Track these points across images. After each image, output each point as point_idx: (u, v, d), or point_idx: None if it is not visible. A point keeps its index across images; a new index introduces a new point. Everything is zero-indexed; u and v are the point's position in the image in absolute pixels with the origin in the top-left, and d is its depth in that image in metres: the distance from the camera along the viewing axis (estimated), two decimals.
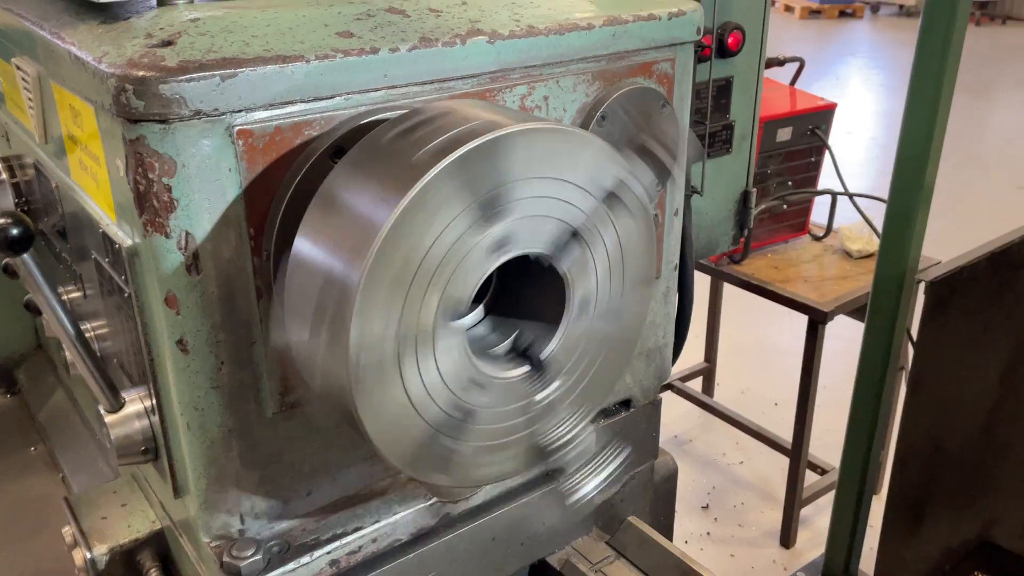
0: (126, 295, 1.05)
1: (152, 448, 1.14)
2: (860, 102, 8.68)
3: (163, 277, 0.96)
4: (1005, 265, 2.09)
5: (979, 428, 2.34)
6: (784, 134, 2.70)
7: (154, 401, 1.09)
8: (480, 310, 1.10)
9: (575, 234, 0.98)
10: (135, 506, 1.32)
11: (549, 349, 1.03)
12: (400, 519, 1.21)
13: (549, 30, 1.14)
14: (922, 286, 2.00)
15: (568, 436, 1.05)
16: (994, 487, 2.42)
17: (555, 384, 1.04)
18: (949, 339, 2.09)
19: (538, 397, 1.02)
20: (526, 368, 1.01)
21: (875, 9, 13.52)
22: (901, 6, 13.28)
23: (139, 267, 1.01)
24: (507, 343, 1.05)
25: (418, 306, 0.89)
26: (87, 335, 1.26)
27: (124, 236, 1.03)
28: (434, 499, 1.23)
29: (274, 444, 1.10)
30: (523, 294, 1.08)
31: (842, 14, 13.13)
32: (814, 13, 12.95)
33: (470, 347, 0.96)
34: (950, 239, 2.34)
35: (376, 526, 1.18)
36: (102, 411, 1.12)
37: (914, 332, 2.12)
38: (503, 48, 1.10)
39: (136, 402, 1.13)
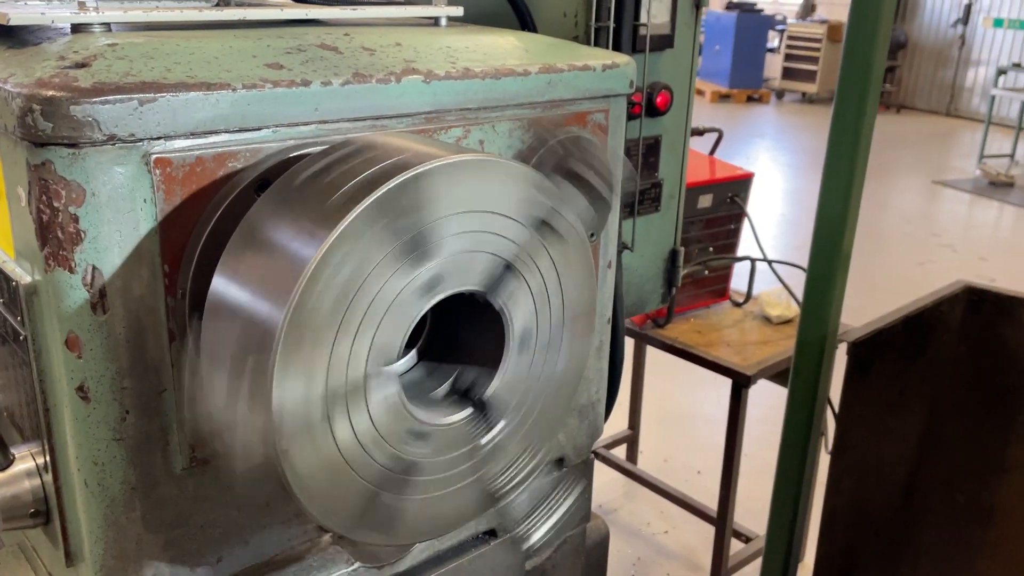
0: (21, 338, 0.96)
1: (43, 511, 1.03)
2: (768, 180, 9.04)
3: (65, 316, 0.88)
4: (919, 329, 2.15)
5: (900, 492, 2.37)
6: (705, 200, 2.76)
7: (48, 457, 0.99)
8: (413, 355, 1.04)
9: (508, 266, 0.94)
10: None
11: (492, 388, 0.97)
12: None
13: (485, 74, 1.12)
14: (843, 349, 2.03)
15: (518, 477, 0.99)
16: (916, 552, 2.43)
17: (500, 424, 0.98)
18: (870, 402, 2.12)
19: (484, 440, 0.96)
20: (468, 411, 0.96)
21: (780, 95, 14.25)
22: (804, 93, 14.03)
23: (38, 306, 0.92)
24: (446, 386, 0.99)
25: (346, 355, 0.84)
26: None
27: (23, 273, 0.94)
28: (357, 564, 1.14)
29: (182, 504, 1.01)
30: (459, 333, 1.03)
31: (749, 99, 13.79)
32: (723, 97, 13.57)
33: (405, 394, 0.91)
34: (859, 311, 2.41)
35: None
36: None
37: (833, 397, 2.14)
38: (439, 88, 1.07)
39: (27, 459, 1.03)
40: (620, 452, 3.87)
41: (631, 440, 3.88)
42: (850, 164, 1.92)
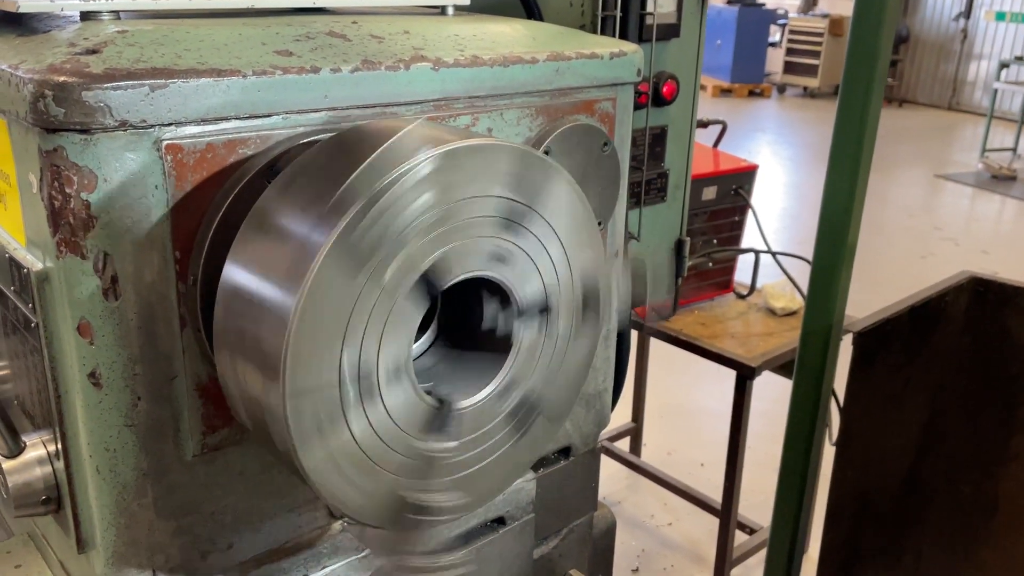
0: (33, 325, 0.96)
1: (54, 497, 1.03)
2: (770, 174, 9.04)
3: (76, 303, 0.88)
4: (924, 319, 2.15)
5: (903, 483, 2.37)
6: (709, 193, 2.75)
7: (59, 444, 0.99)
8: (425, 338, 1.05)
9: (544, 310, 0.97)
10: (31, 567, 1.19)
11: (463, 405, 0.97)
12: (330, 573, 1.12)
13: (493, 61, 1.12)
14: (848, 340, 2.03)
15: (433, 506, 0.99)
16: (919, 543, 2.44)
17: (449, 444, 0.97)
18: (874, 393, 2.12)
19: (429, 445, 0.96)
20: (485, 393, 0.96)
21: (781, 90, 14.23)
22: (805, 87, 14.01)
23: (49, 293, 0.92)
24: (461, 368, 1.00)
25: (357, 350, 0.84)
26: None
27: (34, 260, 0.94)
28: (367, 551, 1.14)
29: (193, 490, 1.01)
30: (470, 314, 1.03)
31: (751, 93, 13.78)
32: (725, 92, 13.55)
33: (419, 379, 0.91)
34: (861, 304, 2.41)
35: None
36: None
37: (837, 389, 2.15)
38: (447, 76, 1.07)
39: (38, 446, 1.03)
40: (624, 444, 3.88)
41: (635, 432, 3.88)
42: (855, 156, 1.92)
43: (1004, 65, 10.24)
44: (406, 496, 0.93)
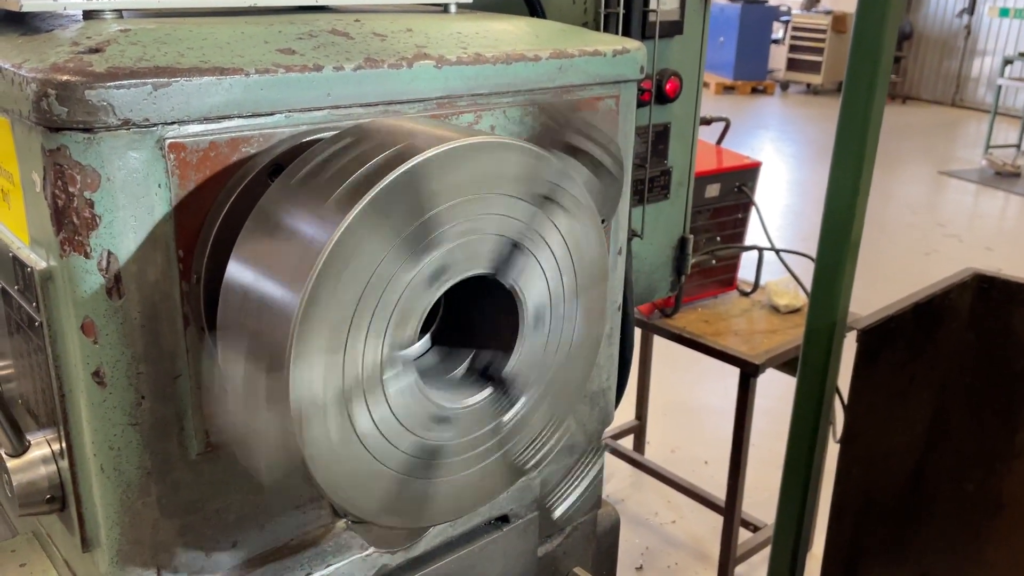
0: (37, 324, 0.96)
1: (59, 496, 1.03)
2: (774, 171, 9.03)
3: (80, 302, 0.88)
4: (928, 317, 2.15)
5: (908, 480, 2.37)
6: (712, 190, 2.75)
7: (63, 443, 0.99)
8: (427, 339, 1.04)
9: (516, 245, 0.94)
10: (35, 566, 1.19)
11: (510, 365, 0.97)
12: (334, 571, 1.12)
13: (496, 59, 1.12)
14: (852, 337, 2.03)
15: (543, 449, 0.99)
16: (924, 540, 2.43)
17: (522, 400, 0.98)
18: (878, 390, 2.12)
19: (506, 417, 0.96)
20: (488, 391, 0.96)
21: (784, 87, 14.21)
22: (809, 84, 13.99)
23: (53, 291, 0.92)
24: (463, 367, 1.00)
25: (362, 344, 0.84)
26: None
27: (38, 259, 0.94)
28: (372, 549, 1.14)
29: (197, 489, 1.01)
30: (473, 314, 1.03)
31: (754, 90, 13.76)
32: (728, 89, 13.54)
33: (422, 379, 0.91)
34: (865, 302, 2.40)
35: None
36: (4, 455, 1.01)
37: (841, 386, 2.14)
38: (450, 73, 1.07)
39: (43, 445, 1.03)
40: (627, 443, 3.88)
41: (638, 430, 3.88)
42: (859, 153, 1.91)
43: (1008, 61, 10.22)
44: (412, 492, 0.93)
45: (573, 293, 1.02)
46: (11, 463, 1.01)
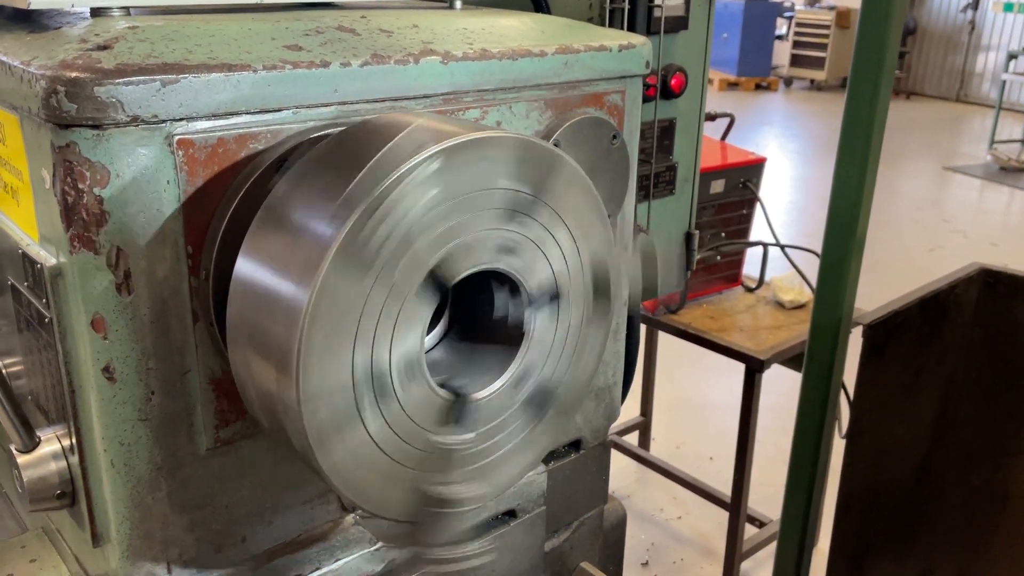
0: (47, 320, 0.97)
1: (69, 492, 1.04)
2: (778, 167, 9.01)
3: (90, 298, 0.89)
4: (934, 312, 2.14)
5: (914, 475, 2.37)
6: (717, 186, 2.75)
7: (74, 439, 1.00)
8: (437, 331, 1.05)
9: (555, 297, 0.97)
10: (46, 561, 1.20)
11: (478, 396, 0.98)
12: (343, 566, 1.12)
13: (502, 55, 1.12)
14: (858, 332, 2.03)
15: (453, 498, 0.99)
16: (930, 535, 2.43)
17: (467, 436, 0.98)
18: (884, 385, 2.11)
19: (447, 439, 0.96)
20: (450, 398, 0.96)
21: (788, 83, 14.19)
22: (812, 80, 13.97)
23: (63, 288, 0.93)
24: (443, 376, 1.00)
25: (369, 349, 0.85)
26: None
27: (47, 255, 0.95)
28: (380, 544, 1.15)
29: (207, 484, 1.02)
30: (474, 338, 1.04)
31: (758, 87, 13.73)
32: (732, 85, 13.51)
33: (437, 372, 0.92)
34: (870, 297, 2.40)
35: (317, 573, 1.10)
36: (14, 451, 1.02)
37: (847, 382, 2.14)
38: (456, 69, 1.07)
39: (53, 441, 1.04)
40: (632, 439, 3.88)
41: (643, 426, 3.88)
42: (864, 149, 1.91)
43: (1012, 56, 10.18)
44: (426, 489, 0.94)
45: (580, 281, 1.02)
46: (21, 459, 1.02)
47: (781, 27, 14.09)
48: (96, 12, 0.99)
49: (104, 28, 0.93)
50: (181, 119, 0.88)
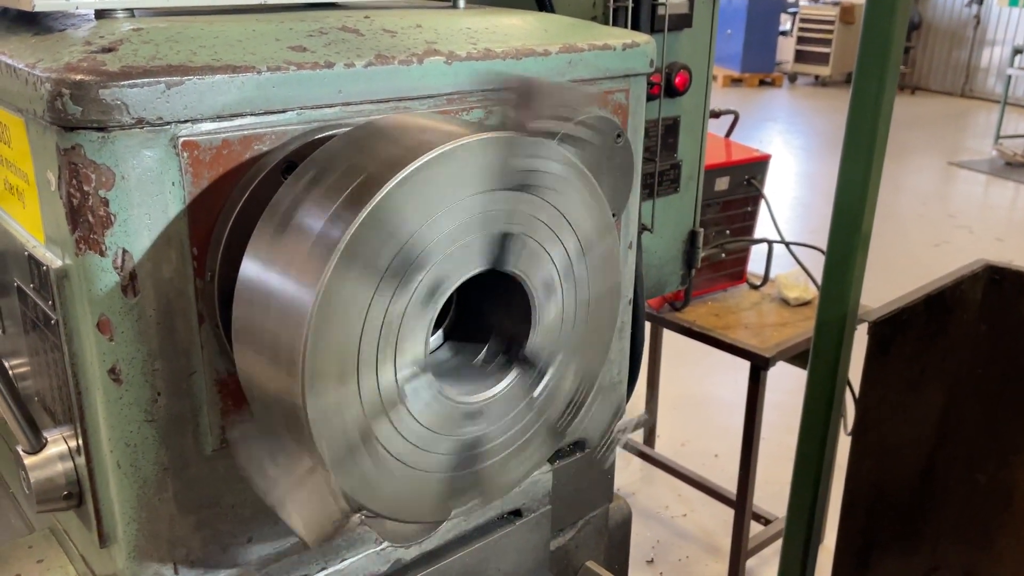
0: (53, 322, 0.97)
1: (76, 493, 1.04)
2: (782, 164, 9.00)
3: (96, 299, 0.89)
4: (939, 308, 2.14)
5: (919, 472, 2.36)
6: (722, 183, 2.75)
7: (80, 440, 1.00)
8: (440, 335, 1.05)
9: (506, 233, 0.92)
10: (53, 561, 1.20)
11: (531, 343, 0.98)
12: (349, 566, 1.13)
13: (506, 54, 1.12)
14: (863, 329, 2.02)
15: (580, 408, 1.00)
16: (936, 532, 2.43)
17: (550, 371, 0.99)
18: (890, 382, 2.11)
19: (538, 391, 0.97)
20: (514, 374, 0.96)
21: (792, 79, 14.16)
22: (817, 76, 13.93)
23: (69, 290, 0.93)
24: (482, 356, 1.00)
25: (374, 379, 0.85)
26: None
27: (53, 257, 0.95)
28: (385, 544, 1.15)
29: (213, 484, 1.02)
30: (483, 302, 1.03)
31: (762, 83, 13.71)
32: (736, 81, 13.49)
33: (443, 378, 0.92)
34: (875, 293, 2.40)
35: (323, 573, 1.10)
36: (21, 452, 1.02)
37: (852, 379, 2.14)
38: (460, 69, 1.07)
39: (59, 442, 1.04)
40: (637, 436, 3.88)
41: (649, 424, 3.88)
42: (869, 145, 1.91)
43: (1018, 51, 10.14)
44: (454, 486, 0.95)
45: (580, 255, 1.00)
46: (28, 460, 1.02)
47: (785, 23, 14.06)
48: (100, 14, 0.99)
49: (108, 30, 0.93)
50: (186, 121, 0.88)
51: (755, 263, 3.11)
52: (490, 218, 0.91)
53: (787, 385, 3.70)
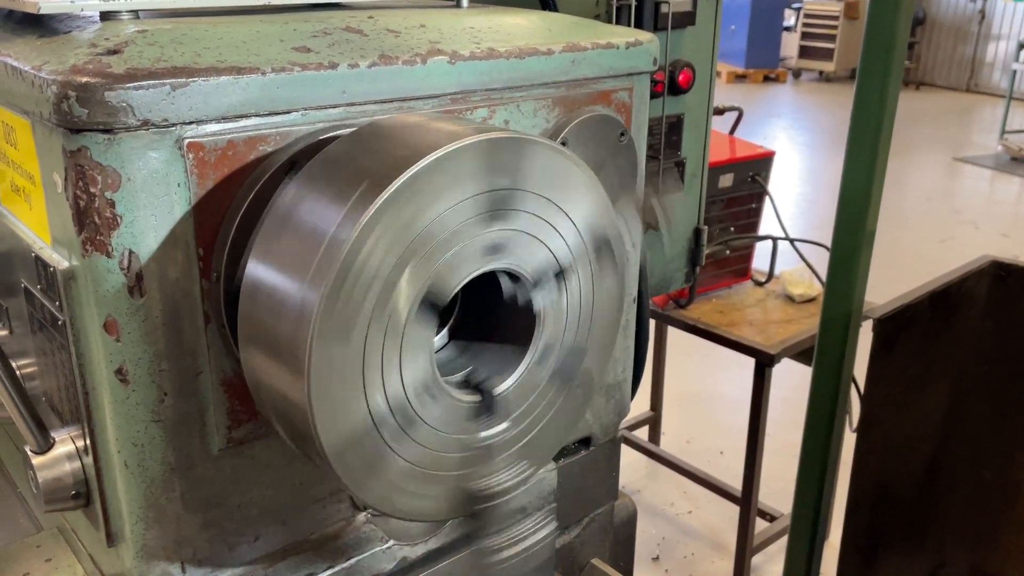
0: (60, 323, 0.97)
1: (83, 492, 1.05)
2: (787, 160, 8.98)
3: (103, 300, 0.90)
4: (944, 305, 2.14)
5: (924, 469, 2.36)
6: (726, 180, 2.75)
7: (88, 440, 1.01)
8: (445, 333, 1.05)
9: (559, 274, 0.97)
10: (61, 560, 1.21)
11: (504, 387, 0.99)
12: (355, 564, 1.13)
13: (509, 53, 1.12)
14: (868, 326, 2.02)
15: (499, 489, 1.00)
16: (941, 528, 2.43)
17: (501, 426, 0.99)
18: (895, 379, 2.11)
19: (481, 435, 0.97)
20: (476, 399, 0.97)
21: (797, 75, 14.12)
22: (821, 72, 13.90)
23: (76, 291, 0.93)
24: (462, 374, 1.01)
25: (381, 387, 0.86)
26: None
27: (60, 258, 0.95)
28: (391, 542, 1.16)
29: (219, 484, 1.02)
30: (487, 326, 1.04)
31: (766, 79, 13.68)
32: (740, 77, 13.46)
33: (454, 367, 0.93)
34: (880, 289, 2.40)
35: (330, 572, 1.11)
36: (29, 452, 1.03)
37: (857, 375, 2.14)
38: (464, 69, 1.08)
39: (67, 442, 1.05)
40: (643, 433, 3.88)
41: (653, 421, 3.89)
42: (873, 141, 1.91)
43: (1023, 45, 10.10)
44: (473, 484, 0.96)
45: (582, 345, 1.04)
46: (36, 460, 1.03)
47: (789, 18, 14.02)
48: (105, 16, 1.00)
49: (114, 32, 0.93)
50: (191, 122, 0.88)
51: (759, 260, 3.11)
52: (562, 246, 0.96)
53: (792, 382, 3.70)
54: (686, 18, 1.78)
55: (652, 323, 3.37)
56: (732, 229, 2.86)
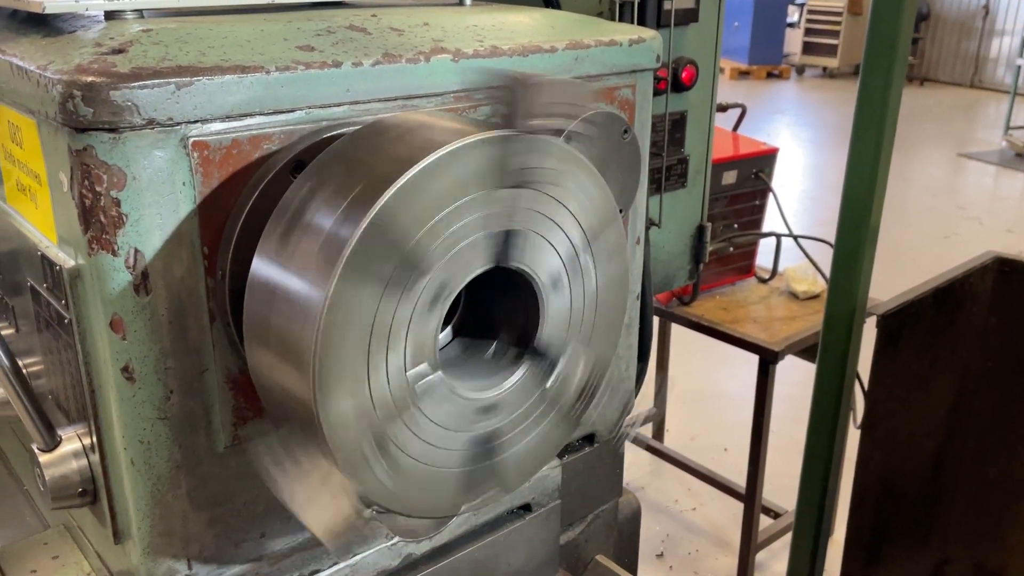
0: (66, 321, 0.98)
1: (90, 490, 1.05)
2: (790, 156, 8.97)
3: (108, 299, 0.90)
4: (949, 302, 2.14)
5: (929, 465, 2.36)
6: (729, 177, 2.74)
7: (94, 437, 1.01)
8: (449, 331, 1.05)
9: (509, 231, 0.92)
10: (68, 557, 1.22)
11: (540, 335, 0.98)
12: (360, 561, 1.13)
13: (513, 51, 1.12)
14: (872, 322, 2.02)
15: (593, 394, 1.01)
16: (945, 525, 2.43)
17: (562, 361, 1.00)
18: (899, 375, 2.11)
19: (550, 382, 0.97)
20: (524, 367, 0.97)
21: (800, 71, 14.10)
22: (825, 68, 13.88)
23: (82, 289, 0.94)
24: (492, 351, 1.01)
25: (385, 384, 0.86)
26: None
27: (66, 257, 0.96)
28: (396, 539, 1.16)
29: (225, 481, 1.03)
30: (491, 296, 1.04)
31: (769, 75, 13.66)
32: (743, 74, 13.45)
33: (454, 374, 0.93)
34: (885, 285, 2.40)
35: (335, 568, 1.11)
36: (36, 450, 1.03)
37: (861, 372, 2.14)
38: (467, 67, 1.08)
39: (73, 440, 1.05)
40: (647, 430, 3.89)
41: (657, 419, 3.89)
42: (877, 137, 1.91)
43: None
44: (470, 480, 0.96)
45: (584, 246, 1.01)
46: (43, 458, 1.03)
47: (792, 14, 13.99)
48: (110, 15, 1.00)
49: (118, 31, 0.94)
50: (196, 121, 0.89)
51: (763, 257, 3.11)
52: (494, 215, 0.92)
53: (796, 378, 3.69)
54: (689, 15, 1.78)
55: (656, 320, 3.37)
56: (736, 226, 2.86)
